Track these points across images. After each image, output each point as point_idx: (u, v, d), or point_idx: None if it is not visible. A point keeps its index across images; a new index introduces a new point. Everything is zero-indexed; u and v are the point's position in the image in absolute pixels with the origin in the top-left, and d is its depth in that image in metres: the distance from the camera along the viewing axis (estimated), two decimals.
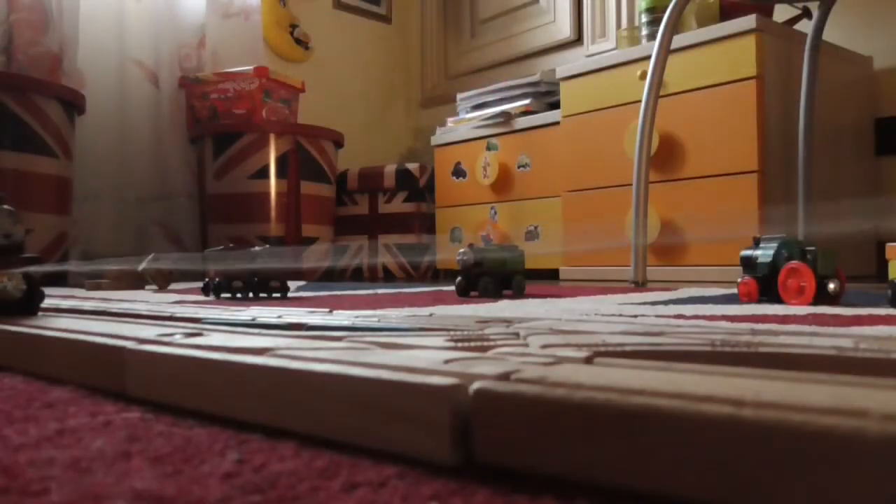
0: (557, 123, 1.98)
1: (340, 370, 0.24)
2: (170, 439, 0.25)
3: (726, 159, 1.57)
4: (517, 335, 0.34)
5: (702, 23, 1.68)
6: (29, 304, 0.54)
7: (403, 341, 0.32)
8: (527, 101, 2.12)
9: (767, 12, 1.68)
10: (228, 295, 1.15)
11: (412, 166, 2.39)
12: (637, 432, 0.18)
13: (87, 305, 0.67)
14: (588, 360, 0.26)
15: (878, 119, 1.80)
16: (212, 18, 2.36)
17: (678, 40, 1.60)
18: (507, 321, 0.43)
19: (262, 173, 2.13)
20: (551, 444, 0.19)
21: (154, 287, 1.53)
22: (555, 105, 2.06)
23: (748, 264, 0.93)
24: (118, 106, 2.18)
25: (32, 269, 0.53)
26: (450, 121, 2.36)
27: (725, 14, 1.67)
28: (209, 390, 0.28)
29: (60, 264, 1.68)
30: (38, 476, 0.21)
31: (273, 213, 2.14)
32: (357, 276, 2.48)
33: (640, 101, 1.52)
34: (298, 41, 2.61)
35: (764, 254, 0.91)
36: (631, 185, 1.53)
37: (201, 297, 1.16)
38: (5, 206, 0.54)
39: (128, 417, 0.29)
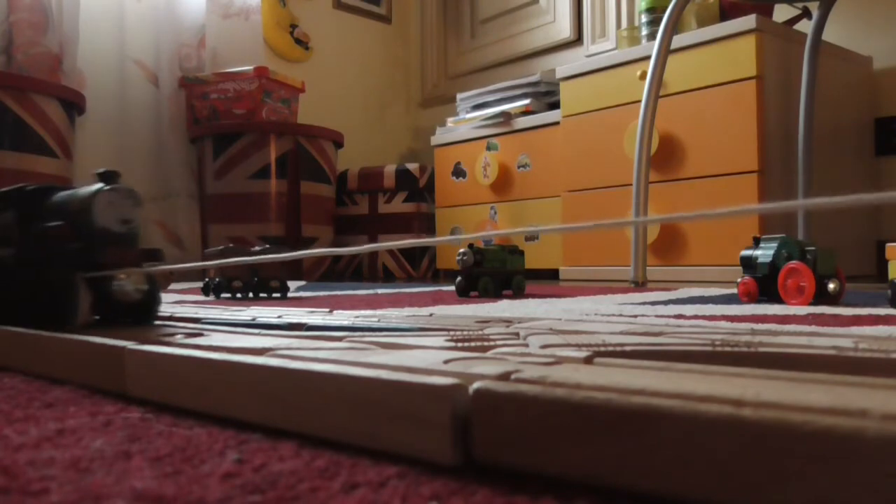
0: (557, 123, 1.98)
1: (340, 370, 0.24)
2: (170, 439, 0.25)
3: (726, 159, 1.57)
4: (517, 335, 0.34)
5: (702, 23, 1.68)
6: (147, 309, 0.44)
7: (403, 341, 0.32)
8: (527, 101, 2.12)
9: (767, 12, 1.68)
10: (228, 295, 1.15)
11: (412, 166, 2.39)
12: (637, 432, 0.18)
13: None
14: (588, 360, 0.26)
15: (878, 119, 1.80)
16: (212, 18, 2.36)
17: (678, 40, 1.60)
18: (507, 321, 0.43)
19: (262, 173, 2.13)
20: (551, 444, 0.19)
21: None
22: (555, 105, 2.06)
23: (748, 264, 0.93)
24: (118, 106, 2.18)
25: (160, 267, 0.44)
26: (450, 121, 2.36)
27: (725, 14, 1.68)
28: (209, 390, 0.28)
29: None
30: (38, 476, 0.21)
31: (273, 213, 2.14)
32: (357, 275, 2.48)
33: (640, 101, 1.52)
34: (298, 41, 2.61)
35: (764, 254, 0.91)
36: (631, 185, 1.53)
37: (201, 297, 1.16)
38: (122, 185, 0.43)
39: (128, 417, 0.29)
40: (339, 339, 0.34)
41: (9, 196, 0.46)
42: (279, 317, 0.49)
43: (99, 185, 0.43)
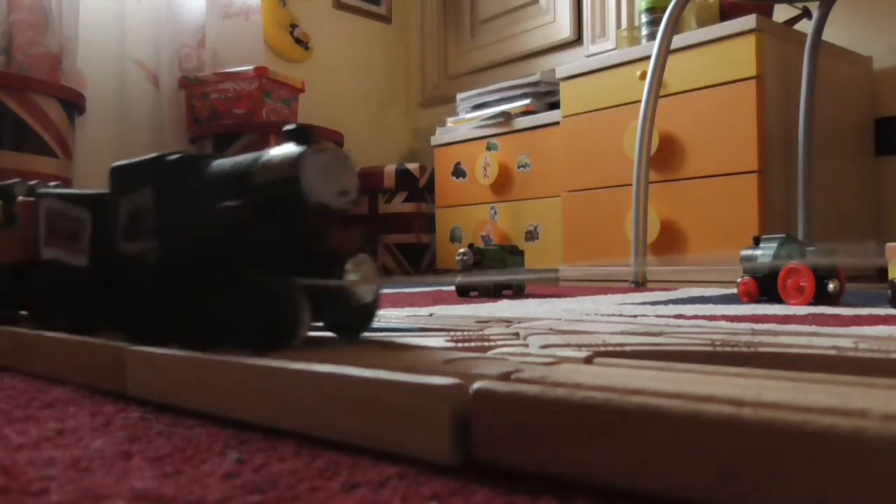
0: (557, 123, 1.98)
1: (340, 370, 0.24)
2: (170, 439, 0.25)
3: (726, 159, 1.57)
4: (517, 335, 0.34)
5: (702, 23, 1.68)
6: (370, 317, 0.33)
7: (403, 341, 0.32)
8: (527, 101, 2.12)
9: (767, 12, 1.68)
10: None
11: (412, 166, 2.40)
12: (637, 432, 0.18)
13: None
14: (588, 360, 0.26)
15: (878, 119, 1.80)
16: (212, 18, 2.36)
17: (678, 40, 1.60)
18: (507, 321, 0.43)
19: None
20: (551, 444, 0.19)
21: None
22: (555, 105, 2.06)
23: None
24: (118, 106, 2.18)
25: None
26: (450, 121, 2.36)
27: (725, 14, 1.67)
28: (209, 390, 0.28)
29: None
30: (38, 476, 0.21)
31: None
32: None
33: (640, 101, 1.52)
34: (298, 41, 2.61)
35: (764, 254, 0.91)
36: (631, 185, 1.53)
37: None
38: (328, 148, 0.30)
39: (128, 417, 0.29)
40: None
41: (142, 169, 0.34)
42: None
43: (299, 147, 0.29)
